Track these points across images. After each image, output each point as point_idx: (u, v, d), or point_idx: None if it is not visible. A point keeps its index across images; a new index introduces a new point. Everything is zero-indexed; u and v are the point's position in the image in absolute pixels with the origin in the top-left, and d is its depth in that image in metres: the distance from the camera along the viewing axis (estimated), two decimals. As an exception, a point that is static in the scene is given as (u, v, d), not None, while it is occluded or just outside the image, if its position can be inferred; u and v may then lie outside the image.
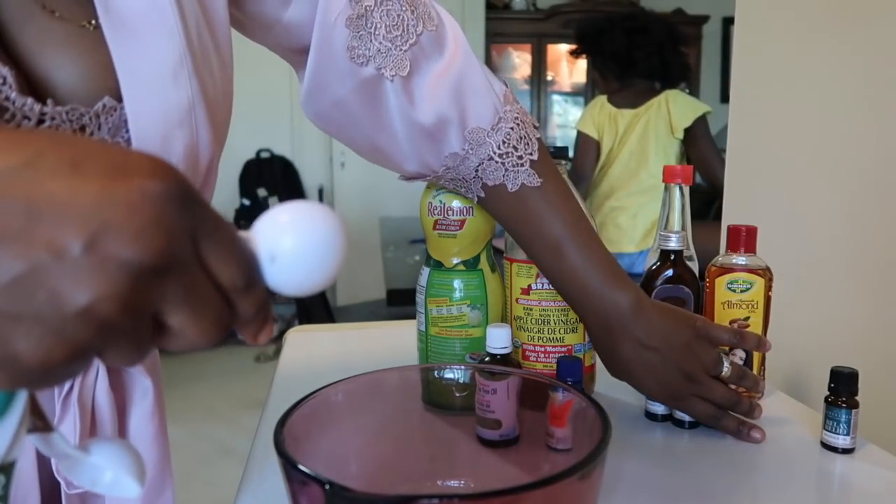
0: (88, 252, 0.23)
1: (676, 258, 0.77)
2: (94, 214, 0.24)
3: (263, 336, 0.30)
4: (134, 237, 0.24)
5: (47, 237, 0.23)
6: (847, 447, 0.65)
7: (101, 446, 0.32)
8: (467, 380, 0.54)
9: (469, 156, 0.64)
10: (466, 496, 0.46)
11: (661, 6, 4.39)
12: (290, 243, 0.29)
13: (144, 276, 0.24)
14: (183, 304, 0.26)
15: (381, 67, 0.60)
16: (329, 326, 1.17)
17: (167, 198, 0.25)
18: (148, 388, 0.54)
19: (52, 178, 0.24)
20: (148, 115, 0.46)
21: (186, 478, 2.34)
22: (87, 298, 0.23)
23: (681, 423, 0.71)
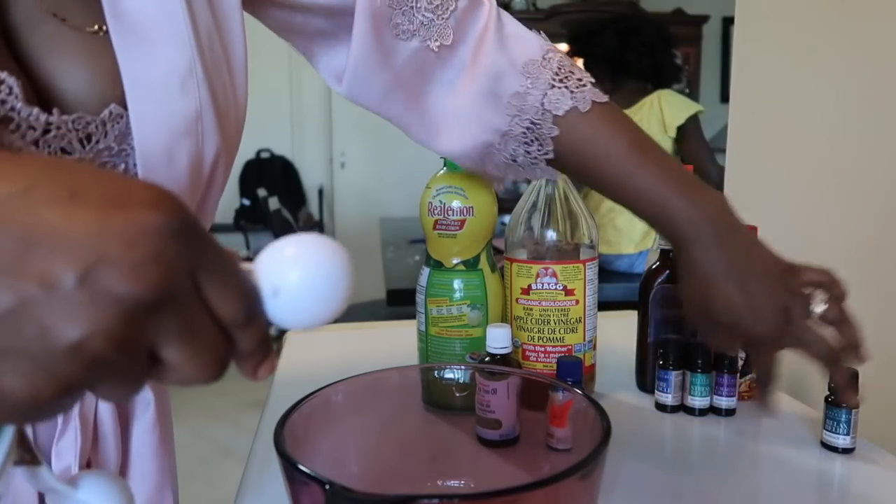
0: (82, 286, 0.22)
1: (676, 257, 0.77)
2: (89, 246, 0.23)
3: (263, 371, 0.29)
4: (130, 271, 0.23)
5: (39, 269, 0.22)
6: (847, 447, 0.65)
7: (89, 480, 0.31)
8: (467, 380, 0.54)
9: (530, 90, 0.62)
10: (466, 496, 0.46)
11: (661, 6, 4.39)
12: (294, 278, 0.28)
13: (139, 311, 0.24)
14: (179, 340, 0.25)
15: (426, 39, 0.60)
16: (329, 327, 1.16)
17: (166, 231, 0.24)
18: (150, 402, 0.53)
19: (48, 207, 0.23)
20: (153, 123, 0.45)
21: (186, 478, 2.33)
22: (78, 334, 0.22)
23: (691, 411, 0.72)
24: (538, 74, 0.62)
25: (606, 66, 2.27)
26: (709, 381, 0.73)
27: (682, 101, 2.22)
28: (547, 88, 0.62)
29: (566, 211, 0.74)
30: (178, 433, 2.11)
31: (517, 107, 0.62)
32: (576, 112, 0.62)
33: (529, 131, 0.63)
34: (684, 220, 0.58)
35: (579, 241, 0.74)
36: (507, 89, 0.62)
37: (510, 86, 0.62)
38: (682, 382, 0.74)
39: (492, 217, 0.75)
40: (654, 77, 2.26)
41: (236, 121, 0.52)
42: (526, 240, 0.75)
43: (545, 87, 0.62)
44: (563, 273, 0.73)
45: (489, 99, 0.62)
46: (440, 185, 0.74)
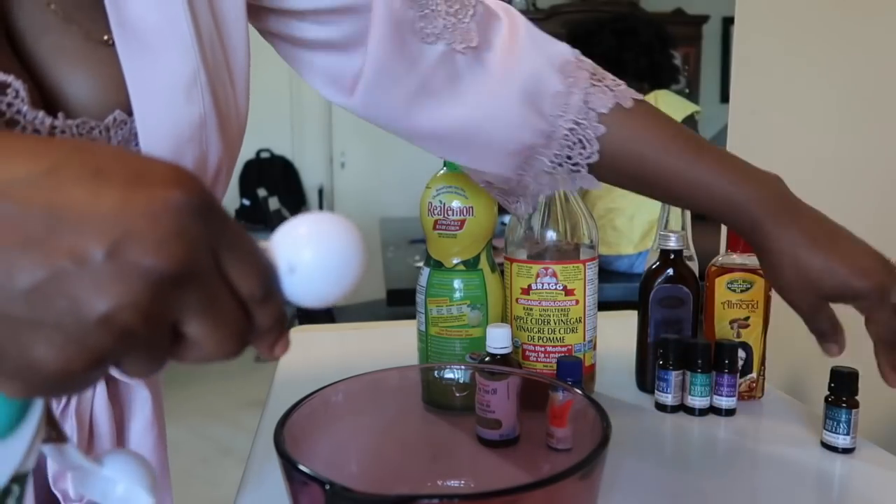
0: (110, 260, 0.23)
1: (676, 258, 0.77)
2: (116, 222, 0.23)
3: (280, 348, 0.30)
4: (156, 246, 0.24)
5: (69, 244, 0.23)
6: (847, 447, 0.65)
7: (114, 458, 0.31)
8: (467, 380, 0.54)
9: (572, 89, 0.61)
10: (466, 496, 0.46)
11: (661, 6, 4.39)
12: (309, 255, 0.29)
13: (165, 285, 0.24)
14: (202, 315, 0.26)
15: (451, 42, 0.59)
16: (329, 326, 1.17)
17: (189, 208, 0.25)
18: (147, 400, 0.53)
19: (74, 186, 0.24)
20: (158, 130, 0.45)
21: (186, 478, 2.34)
22: (108, 306, 0.23)
23: (691, 411, 0.72)
24: (577, 74, 0.62)
25: (604, 66, 2.27)
26: (709, 381, 0.73)
27: (678, 101, 2.22)
28: (587, 87, 0.61)
29: (566, 211, 0.74)
30: (179, 433, 2.12)
31: (560, 105, 0.61)
32: (619, 109, 0.61)
33: (573, 132, 0.61)
34: (756, 203, 0.57)
35: (579, 241, 0.74)
36: (549, 89, 0.61)
37: (551, 85, 0.61)
38: (681, 382, 0.74)
39: (492, 217, 0.75)
40: (651, 77, 2.26)
41: (238, 128, 0.52)
42: (526, 240, 0.75)
43: (586, 86, 0.61)
44: (563, 273, 0.73)
45: (530, 100, 0.61)
46: (440, 185, 0.74)
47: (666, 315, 0.77)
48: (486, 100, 0.61)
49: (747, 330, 0.76)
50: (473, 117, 0.61)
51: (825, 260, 0.55)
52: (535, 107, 0.61)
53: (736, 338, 0.76)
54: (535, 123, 0.61)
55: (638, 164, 0.61)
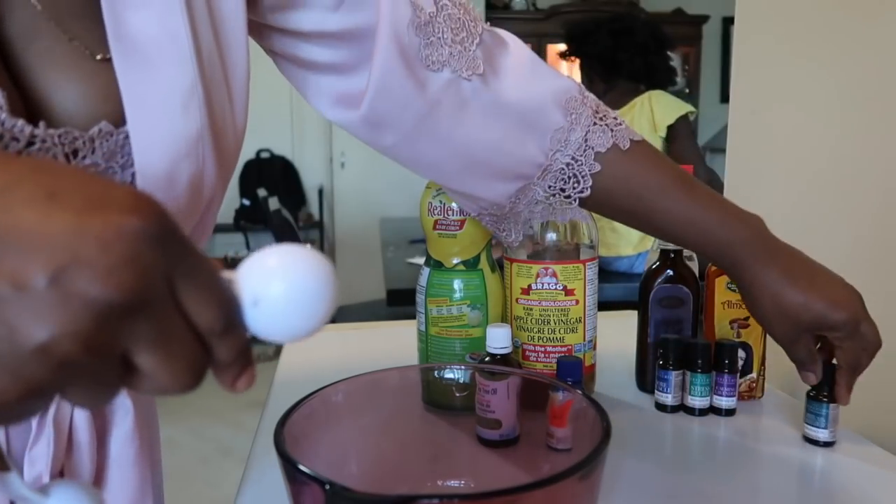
0: (53, 286, 0.22)
1: (676, 258, 0.77)
2: (64, 247, 0.22)
3: (242, 383, 0.28)
4: (104, 274, 0.23)
5: (11, 268, 0.22)
6: (827, 440, 0.66)
7: (61, 489, 0.30)
8: (467, 380, 0.54)
9: (574, 126, 0.62)
10: (466, 496, 0.46)
11: (661, 6, 4.39)
12: (276, 289, 0.27)
13: (112, 315, 0.23)
14: (153, 346, 0.25)
15: (457, 70, 0.59)
16: (329, 326, 1.16)
17: (145, 235, 0.24)
18: (129, 409, 0.52)
19: (24, 207, 0.23)
20: (154, 145, 0.44)
21: (186, 478, 2.34)
22: (46, 335, 0.22)
23: (691, 411, 0.73)
24: (581, 111, 0.63)
25: (600, 66, 2.28)
26: (709, 381, 0.73)
27: (672, 102, 2.22)
28: (589, 125, 0.63)
29: (566, 211, 0.74)
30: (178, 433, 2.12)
31: (560, 141, 0.62)
32: (616, 149, 0.63)
33: (569, 167, 0.63)
34: (740, 244, 0.61)
35: (579, 241, 0.74)
36: (551, 124, 0.62)
37: (553, 121, 0.62)
38: (681, 382, 0.74)
39: (492, 217, 0.75)
40: (646, 78, 2.27)
41: (235, 144, 0.51)
42: (526, 240, 0.75)
43: (587, 124, 0.63)
44: (563, 273, 0.73)
45: (532, 133, 0.62)
46: (440, 186, 0.74)
47: (666, 315, 0.77)
48: (490, 128, 0.61)
49: (747, 330, 0.76)
50: (476, 145, 0.62)
51: (804, 296, 0.60)
52: (536, 140, 0.62)
53: (736, 338, 0.76)
54: (535, 156, 0.63)
55: (632, 201, 0.64)
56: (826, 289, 0.60)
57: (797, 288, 0.60)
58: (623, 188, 0.64)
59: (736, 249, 0.61)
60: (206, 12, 0.47)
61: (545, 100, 0.62)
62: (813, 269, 0.62)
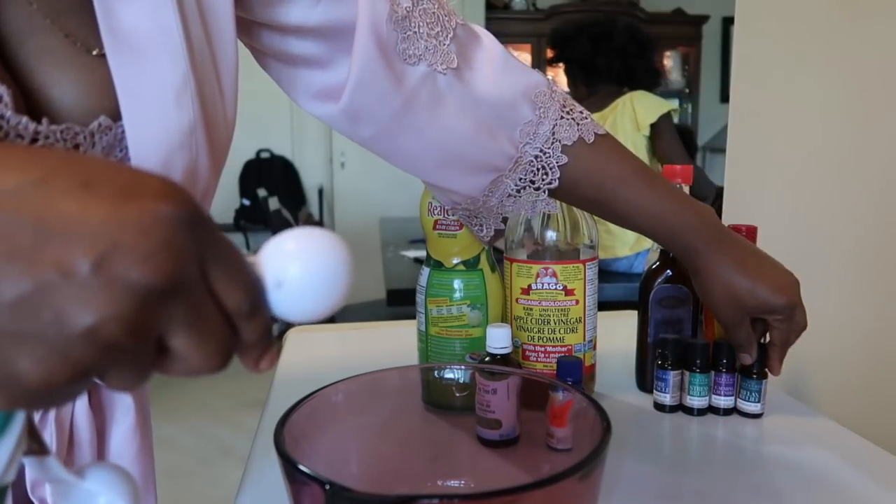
0: (96, 272, 0.23)
1: (676, 258, 0.77)
2: (103, 235, 0.23)
3: (265, 362, 0.30)
4: (143, 259, 0.24)
5: (55, 256, 0.23)
6: (757, 413, 0.73)
7: (96, 471, 0.31)
8: (467, 380, 0.54)
9: (542, 120, 0.65)
10: (466, 496, 0.46)
11: (661, 6, 4.39)
12: (297, 270, 0.29)
13: (152, 298, 0.24)
14: (188, 328, 0.26)
15: (432, 63, 0.61)
16: (329, 326, 1.17)
17: (178, 221, 0.25)
18: (129, 407, 0.53)
19: (63, 197, 0.24)
20: (149, 137, 0.45)
21: (186, 478, 2.34)
22: (93, 319, 0.23)
23: (690, 411, 0.73)
24: (549, 105, 0.65)
25: (580, 70, 2.31)
26: (707, 381, 0.73)
27: (654, 101, 2.23)
28: (557, 118, 0.66)
29: (566, 211, 0.74)
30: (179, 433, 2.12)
31: (529, 134, 0.65)
32: (581, 142, 0.66)
33: (538, 159, 0.66)
34: (695, 232, 0.65)
35: (579, 241, 0.74)
36: (521, 118, 0.65)
37: (523, 114, 0.65)
38: (680, 382, 0.74)
39: (492, 217, 0.75)
40: (627, 81, 2.29)
41: (226, 136, 0.52)
42: (526, 240, 0.75)
43: (555, 117, 0.65)
44: (563, 273, 0.73)
45: (503, 125, 0.64)
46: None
47: (666, 315, 0.77)
48: (464, 121, 0.63)
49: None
50: (451, 137, 0.64)
51: (751, 282, 0.65)
52: (507, 133, 0.65)
53: (736, 338, 0.76)
54: (506, 148, 0.65)
55: (595, 191, 0.67)
56: (771, 275, 0.66)
57: (746, 275, 0.65)
58: (588, 179, 0.67)
59: (690, 237, 0.65)
60: (195, 6, 0.47)
61: (515, 94, 0.64)
62: (759, 257, 0.67)
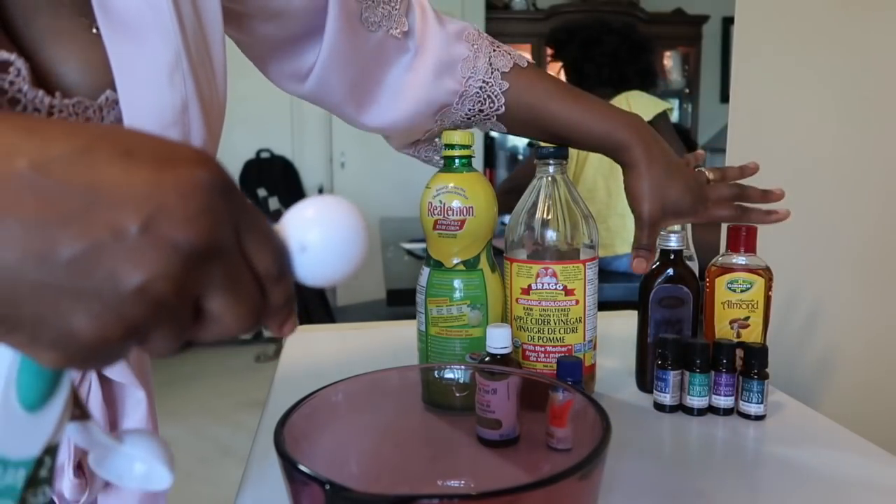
0: (144, 234, 0.24)
1: (676, 258, 0.77)
2: (149, 198, 0.25)
3: (289, 327, 0.31)
4: (186, 221, 0.25)
5: (106, 219, 0.24)
6: (759, 414, 0.72)
7: (134, 437, 0.33)
8: (467, 380, 0.54)
9: (478, 54, 0.73)
10: (466, 496, 0.46)
11: (661, 6, 4.39)
12: (318, 235, 0.31)
13: (194, 258, 0.25)
14: (224, 290, 0.27)
15: (389, 29, 0.69)
16: (329, 326, 1.17)
17: (214, 187, 0.26)
18: (141, 400, 0.54)
19: (108, 165, 0.25)
20: (143, 113, 0.46)
21: (186, 478, 2.34)
22: (143, 278, 0.24)
23: (690, 411, 0.73)
24: (480, 42, 0.74)
25: (568, 75, 2.32)
26: (707, 381, 0.73)
27: (649, 100, 2.23)
28: (490, 51, 0.74)
29: (566, 211, 0.74)
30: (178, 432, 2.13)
31: (470, 68, 0.73)
32: (517, 68, 0.74)
33: (482, 90, 0.73)
34: (628, 129, 0.70)
35: (579, 241, 0.74)
36: (458, 56, 0.72)
37: (460, 53, 0.73)
38: (680, 382, 0.74)
39: (492, 217, 0.75)
40: (618, 85, 2.30)
41: (219, 113, 0.54)
42: (526, 240, 0.75)
43: (489, 51, 0.74)
44: (563, 273, 0.73)
45: (445, 68, 0.72)
46: (440, 185, 0.74)
47: (666, 315, 0.77)
48: (417, 75, 0.71)
49: (747, 330, 0.76)
50: (409, 93, 0.72)
51: (679, 177, 0.70)
52: (450, 73, 0.73)
53: (736, 338, 0.76)
54: (451, 86, 0.73)
55: (529, 111, 0.74)
56: (687, 178, 0.71)
57: (674, 172, 0.70)
58: (524, 100, 0.73)
59: (621, 134, 0.70)
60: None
61: (452, 39, 0.73)
62: (677, 160, 0.72)
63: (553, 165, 0.74)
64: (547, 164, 0.74)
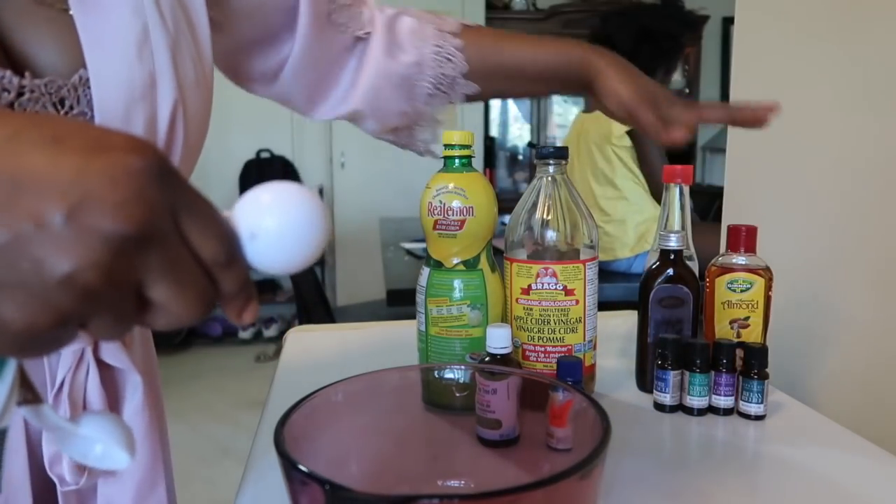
0: (70, 222, 0.24)
1: (676, 258, 0.77)
2: (75, 186, 0.24)
3: (248, 315, 0.30)
4: (115, 208, 0.25)
5: (29, 208, 0.24)
6: (759, 414, 0.72)
7: (91, 419, 0.32)
8: (467, 380, 0.54)
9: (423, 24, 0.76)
10: (466, 496, 0.46)
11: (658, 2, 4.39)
12: (271, 222, 0.30)
13: (126, 246, 0.25)
14: (165, 277, 0.27)
15: (355, 30, 0.72)
16: (329, 326, 1.17)
17: (147, 172, 0.26)
18: (138, 385, 0.54)
19: (34, 152, 0.25)
20: (111, 86, 0.46)
21: (186, 477, 2.34)
22: (70, 267, 0.24)
23: (689, 411, 0.73)
24: (422, 15, 0.76)
25: None
26: (707, 381, 0.73)
27: None
28: (433, 19, 0.76)
29: (566, 211, 0.74)
30: (178, 432, 2.12)
31: (419, 37, 0.74)
32: (464, 27, 0.76)
33: (438, 53, 0.75)
34: (582, 50, 0.73)
35: (579, 241, 0.74)
36: (404, 29, 0.74)
37: (405, 25, 0.74)
38: (680, 382, 0.74)
39: (492, 217, 0.75)
40: None
41: (203, 96, 0.54)
42: (526, 240, 0.75)
43: (433, 19, 0.76)
44: (563, 273, 0.73)
45: (393, 45, 0.74)
46: (440, 185, 0.74)
47: (666, 315, 0.77)
48: (382, 70, 0.73)
49: (747, 330, 0.76)
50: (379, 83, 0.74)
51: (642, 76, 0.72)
52: (400, 47, 0.74)
53: (736, 338, 0.76)
54: (405, 59, 0.74)
55: (490, 59, 0.75)
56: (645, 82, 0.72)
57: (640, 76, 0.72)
58: (481, 53, 0.75)
59: (574, 55, 0.73)
60: None
61: (392, 19, 0.75)
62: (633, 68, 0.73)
63: (553, 165, 0.74)
64: (547, 164, 0.74)
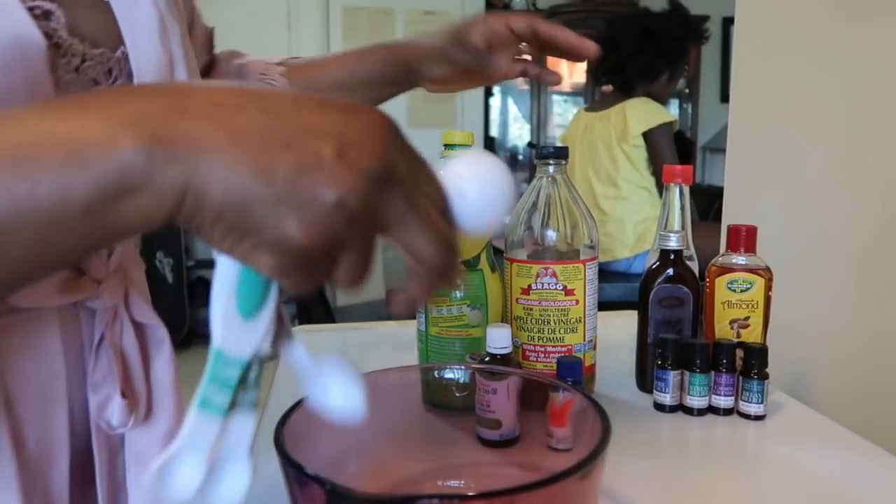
0: (339, 159, 0.30)
1: (676, 258, 0.77)
2: (341, 133, 0.31)
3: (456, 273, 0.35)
4: (370, 151, 0.31)
5: (312, 146, 0.31)
6: (759, 414, 0.72)
7: (330, 360, 0.36)
8: (467, 380, 0.54)
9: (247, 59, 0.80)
10: (466, 496, 0.46)
11: (661, 6, 4.39)
12: (476, 184, 0.35)
13: (378, 180, 0.31)
14: (409, 214, 0.32)
15: None
16: (329, 326, 1.17)
17: (388, 126, 0.33)
18: (164, 339, 0.58)
19: (310, 110, 0.32)
20: (144, 63, 0.51)
21: (186, 478, 2.33)
22: (340, 193, 0.30)
23: (689, 411, 0.73)
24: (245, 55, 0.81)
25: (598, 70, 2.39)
26: (707, 381, 0.73)
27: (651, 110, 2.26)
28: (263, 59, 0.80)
29: (566, 211, 0.74)
30: (178, 433, 2.04)
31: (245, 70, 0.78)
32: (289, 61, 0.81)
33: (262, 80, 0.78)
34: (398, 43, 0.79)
35: (579, 241, 0.74)
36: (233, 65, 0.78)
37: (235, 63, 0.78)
38: (680, 382, 0.74)
39: (492, 217, 0.75)
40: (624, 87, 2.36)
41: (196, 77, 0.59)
42: (526, 240, 0.75)
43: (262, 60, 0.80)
44: (563, 273, 0.73)
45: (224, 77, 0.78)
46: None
47: (666, 315, 0.77)
48: None
49: (747, 330, 0.76)
50: None
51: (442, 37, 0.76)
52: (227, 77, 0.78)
53: (736, 338, 0.76)
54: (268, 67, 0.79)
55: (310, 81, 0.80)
56: None
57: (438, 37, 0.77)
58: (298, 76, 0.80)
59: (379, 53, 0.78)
60: None
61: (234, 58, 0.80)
62: None
63: (553, 165, 0.74)
64: (547, 164, 0.74)
